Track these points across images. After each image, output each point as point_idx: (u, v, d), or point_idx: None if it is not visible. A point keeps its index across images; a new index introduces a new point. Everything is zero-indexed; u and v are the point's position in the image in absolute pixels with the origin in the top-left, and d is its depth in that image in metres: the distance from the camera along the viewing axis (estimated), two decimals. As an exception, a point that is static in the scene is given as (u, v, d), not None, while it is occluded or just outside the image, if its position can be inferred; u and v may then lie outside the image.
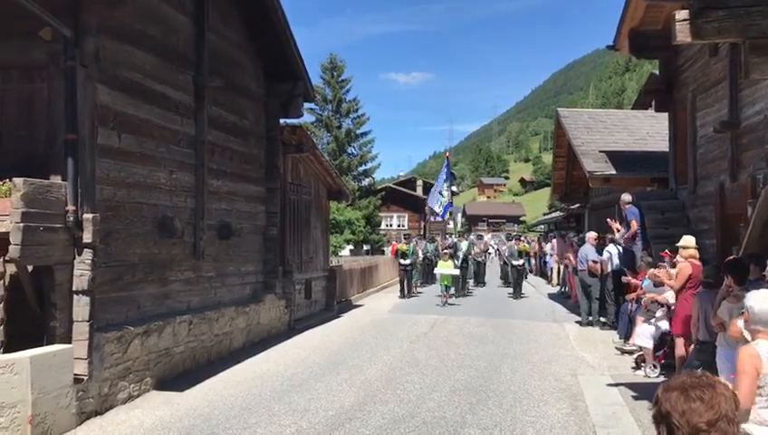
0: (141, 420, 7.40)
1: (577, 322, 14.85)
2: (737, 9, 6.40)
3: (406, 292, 21.65)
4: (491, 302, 20.49)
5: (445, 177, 23.13)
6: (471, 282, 24.15)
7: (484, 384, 9.00)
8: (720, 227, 10.45)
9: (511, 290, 22.19)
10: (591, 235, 15.07)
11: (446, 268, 19.12)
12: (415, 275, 23.08)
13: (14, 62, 7.80)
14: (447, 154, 25.86)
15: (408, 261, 21.82)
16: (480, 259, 26.62)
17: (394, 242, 29.45)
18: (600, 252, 14.45)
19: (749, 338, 5.18)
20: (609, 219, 14.01)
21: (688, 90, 12.38)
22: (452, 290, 19.24)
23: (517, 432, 6.90)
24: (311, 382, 9.18)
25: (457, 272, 19.69)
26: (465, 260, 21.72)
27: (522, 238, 26.25)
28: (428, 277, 25.79)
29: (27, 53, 7.63)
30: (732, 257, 7.62)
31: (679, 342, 8.60)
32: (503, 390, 8.69)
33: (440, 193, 22.92)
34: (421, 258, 24.49)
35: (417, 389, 8.76)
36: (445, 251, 20.22)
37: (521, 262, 21.67)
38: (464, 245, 22.54)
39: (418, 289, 23.62)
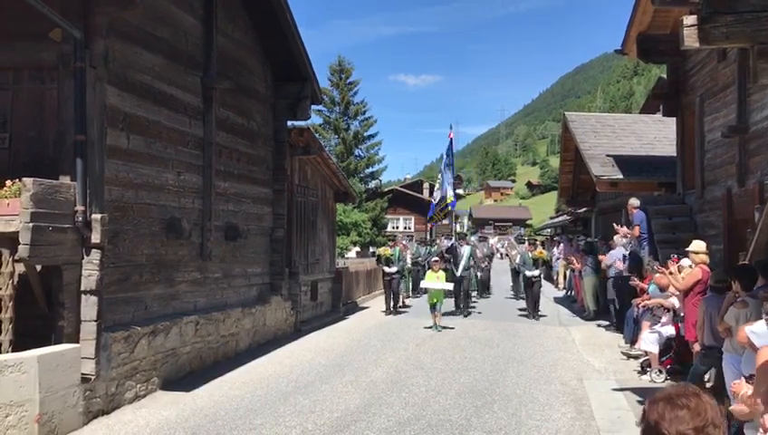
0: (148, 419, 7.44)
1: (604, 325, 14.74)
2: (746, 14, 6.40)
3: (392, 306, 17.84)
4: (497, 310, 18.67)
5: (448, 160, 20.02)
6: (474, 294, 20.36)
7: (490, 388, 9.00)
8: (727, 233, 10.42)
9: (523, 304, 18.01)
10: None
11: (434, 282, 14.73)
12: (403, 285, 19.23)
13: (25, 63, 7.87)
14: (451, 134, 20.89)
15: (393, 269, 17.86)
16: (484, 265, 22.13)
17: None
18: None
19: (756, 344, 5.18)
20: (615, 224, 13.96)
21: (696, 94, 12.35)
22: (440, 309, 14.58)
23: (522, 436, 6.90)
24: (316, 384, 9.20)
25: (450, 287, 15.26)
26: (466, 269, 17.43)
27: (536, 243, 20.94)
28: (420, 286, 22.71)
29: (37, 54, 7.69)
30: (741, 263, 7.60)
31: (696, 346, 8.53)
32: (508, 393, 8.69)
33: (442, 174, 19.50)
34: (410, 264, 20.85)
35: (422, 391, 8.77)
36: (435, 259, 15.87)
37: (536, 273, 16.75)
38: (465, 250, 17.68)
39: (407, 301, 20.14)
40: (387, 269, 17.96)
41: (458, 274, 16.82)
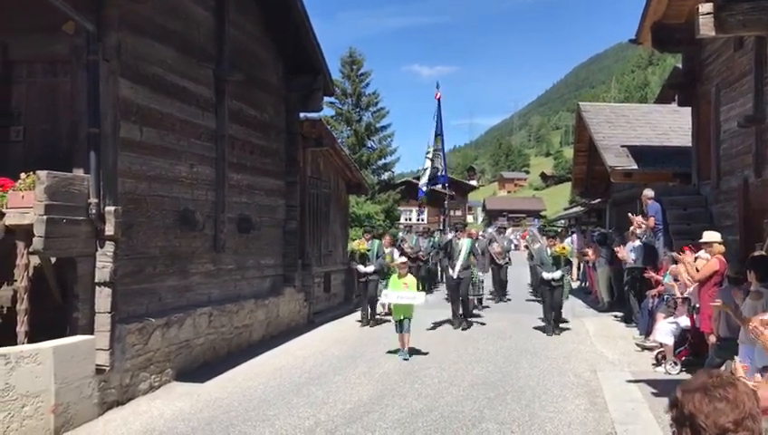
0: (162, 410, 7.49)
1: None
2: (763, 1, 6.31)
3: (369, 316, 13.93)
4: (510, 309, 17.21)
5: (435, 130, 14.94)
6: (477, 300, 15.88)
7: (503, 379, 8.98)
8: (743, 223, 10.32)
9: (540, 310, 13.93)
10: None
11: (401, 291, 10.75)
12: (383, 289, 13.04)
13: (38, 56, 7.92)
14: (438, 95, 15.18)
15: (370, 268, 13.84)
16: (502, 262, 18.28)
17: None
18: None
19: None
20: (630, 214, 13.87)
21: (712, 84, 12.22)
22: (407, 328, 10.58)
23: (535, 428, 6.88)
24: (329, 375, 9.22)
25: (421, 300, 10.80)
26: (465, 268, 13.42)
27: (557, 236, 16.00)
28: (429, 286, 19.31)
29: (51, 47, 7.73)
30: (757, 253, 7.53)
31: (711, 338, 8.46)
32: (521, 385, 8.67)
33: (427, 157, 14.82)
34: (398, 260, 13.84)
35: (434, 383, 8.77)
36: (401, 262, 11.51)
37: (557, 275, 12.84)
38: (463, 245, 13.52)
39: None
40: (361, 269, 13.92)
41: (455, 275, 13.35)
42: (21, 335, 6.95)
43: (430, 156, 15.03)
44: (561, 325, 13.16)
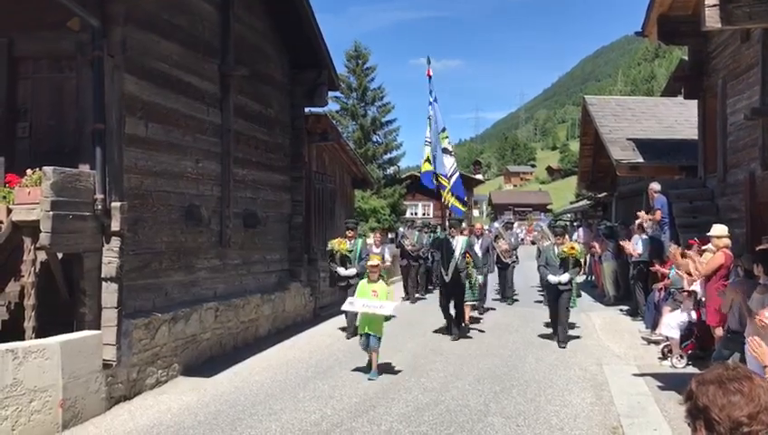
0: (169, 405, 7.53)
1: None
2: (769, -7, 6.26)
3: (351, 324, 11.38)
4: (517, 307, 16.92)
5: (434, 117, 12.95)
6: (479, 304, 13.88)
7: (509, 373, 8.99)
8: (750, 217, 10.28)
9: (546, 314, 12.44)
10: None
11: (369, 299, 9.22)
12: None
13: (44, 52, 7.95)
14: (429, 71, 13.17)
15: (352, 271, 12.04)
16: (509, 260, 16.64)
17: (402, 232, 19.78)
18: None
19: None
20: (639, 212, 13.86)
21: (719, 76, 12.15)
22: (375, 345, 9.02)
23: (541, 421, 6.89)
24: (335, 370, 9.24)
25: (390, 310, 9.17)
26: (460, 270, 11.66)
27: (565, 231, 13.89)
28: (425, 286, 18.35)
29: (56, 43, 7.75)
30: (764, 246, 7.50)
31: (718, 331, 8.43)
32: (527, 379, 8.67)
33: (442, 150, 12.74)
34: (389, 260, 14.93)
35: (440, 377, 8.78)
36: (372, 265, 9.61)
37: (564, 278, 11.05)
38: (458, 244, 11.71)
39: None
40: (342, 271, 12.22)
41: (447, 278, 11.60)
42: (28, 330, 6.99)
43: (449, 146, 13.12)
44: (568, 332, 11.42)
